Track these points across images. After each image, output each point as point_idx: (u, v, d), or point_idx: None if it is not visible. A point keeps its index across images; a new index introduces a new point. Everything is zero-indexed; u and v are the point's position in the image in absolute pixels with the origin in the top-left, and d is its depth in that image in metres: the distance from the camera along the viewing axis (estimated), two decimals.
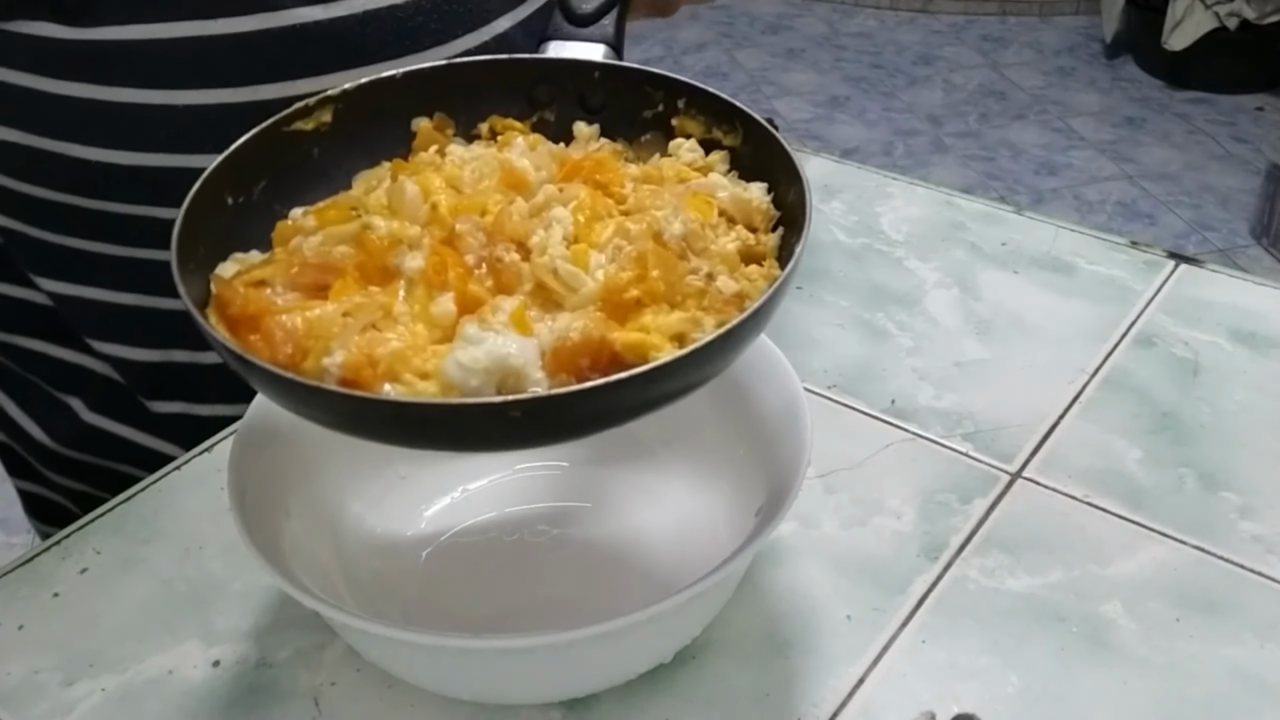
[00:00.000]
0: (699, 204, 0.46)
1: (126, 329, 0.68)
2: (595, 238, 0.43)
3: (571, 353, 0.39)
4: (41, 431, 0.72)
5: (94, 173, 0.61)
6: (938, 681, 0.50)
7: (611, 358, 0.39)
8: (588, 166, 0.47)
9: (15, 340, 0.71)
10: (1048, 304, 0.71)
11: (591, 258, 0.42)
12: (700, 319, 0.41)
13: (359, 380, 0.38)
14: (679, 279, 0.42)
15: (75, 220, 0.64)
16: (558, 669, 0.46)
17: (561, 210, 0.44)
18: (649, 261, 0.41)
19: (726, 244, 0.45)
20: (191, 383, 0.70)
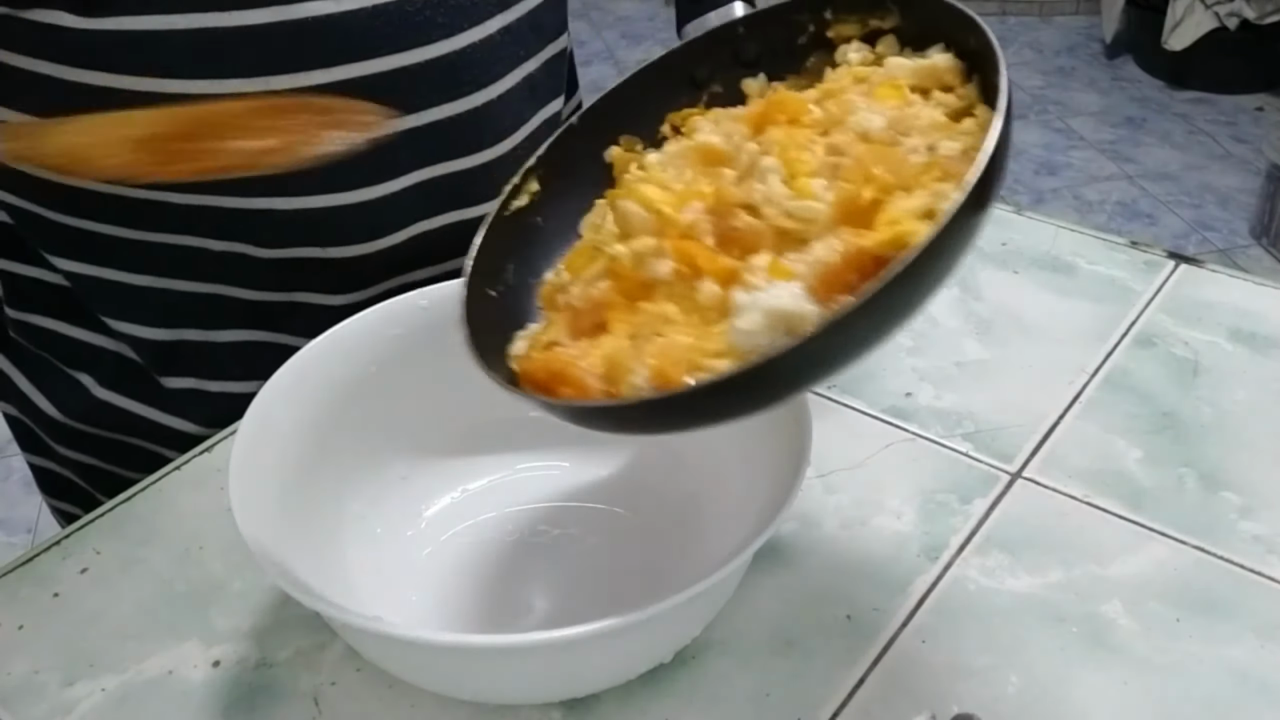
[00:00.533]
0: (888, 93, 0.46)
1: (141, 309, 0.69)
2: (808, 167, 0.43)
3: (836, 275, 0.39)
4: (52, 406, 0.73)
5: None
6: (938, 681, 0.50)
7: (875, 262, 0.39)
8: (770, 111, 0.47)
9: (28, 318, 0.72)
10: (1048, 304, 0.71)
11: (813, 184, 0.42)
12: (939, 189, 0.41)
13: (668, 385, 0.40)
14: (903, 164, 0.42)
15: (90, 204, 0.64)
16: (558, 669, 0.46)
17: (768, 159, 0.44)
18: (868, 161, 0.42)
19: (933, 114, 0.45)
20: (203, 360, 0.71)
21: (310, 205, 0.64)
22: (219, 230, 0.65)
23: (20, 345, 0.74)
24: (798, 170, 0.43)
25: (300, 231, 0.65)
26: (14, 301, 0.73)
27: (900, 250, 0.38)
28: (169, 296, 0.68)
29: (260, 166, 0.46)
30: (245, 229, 0.65)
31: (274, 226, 0.65)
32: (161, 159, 0.47)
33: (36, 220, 0.67)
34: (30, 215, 0.67)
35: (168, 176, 0.47)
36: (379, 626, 0.43)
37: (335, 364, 0.55)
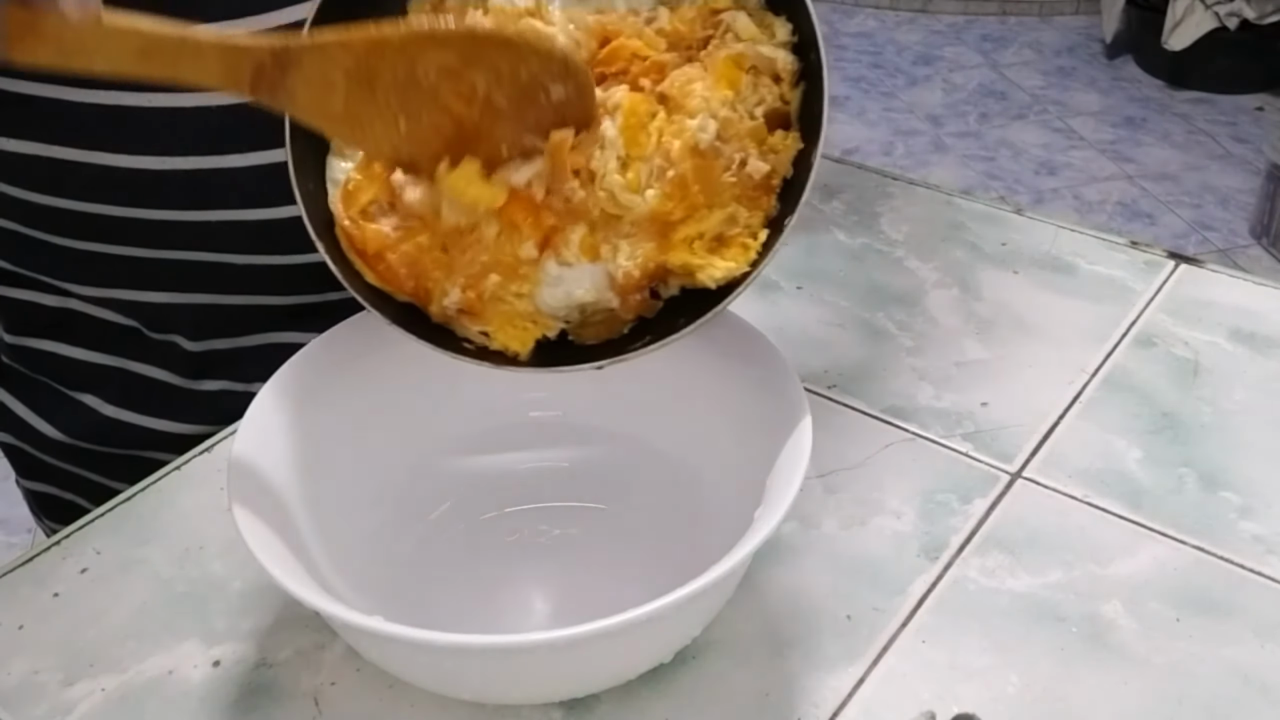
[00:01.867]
0: (727, 74, 0.49)
1: (171, 322, 0.69)
2: (642, 150, 0.48)
3: (635, 283, 0.48)
4: (54, 429, 0.73)
5: (122, 180, 0.61)
6: (938, 681, 0.50)
7: (667, 272, 0.48)
8: (623, 54, 0.50)
9: (26, 342, 0.72)
10: (1048, 304, 0.71)
11: (641, 174, 0.48)
12: (734, 213, 0.48)
13: (474, 311, 0.49)
14: (716, 184, 0.47)
15: (104, 228, 0.64)
16: (558, 669, 0.46)
17: (611, 129, 0.48)
18: (689, 179, 0.47)
19: (755, 112, 0.49)
20: (235, 363, 0.71)
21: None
22: (247, 243, 0.65)
23: (16, 371, 0.73)
24: (634, 155, 0.48)
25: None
26: (10, 327, 0.72)
27: (688, 276, 0.47)
28: (186, 310, 0.69)
29: None
30: (273, 241, 0.65)
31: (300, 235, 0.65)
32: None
33: (42, 248, 0.66)
34: (36, 243, 0.66)
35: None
36: (379, 626, 0.43)
37: (335, 364, 0.55)
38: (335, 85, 0.44)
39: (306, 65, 0.43)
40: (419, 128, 0.47)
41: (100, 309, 0.69)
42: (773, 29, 0.50)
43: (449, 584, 0.55)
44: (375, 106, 0.45)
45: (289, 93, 0.43)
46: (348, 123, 0.46)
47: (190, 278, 0.67)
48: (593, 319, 0.50)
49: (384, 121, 0.46)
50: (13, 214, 0.65)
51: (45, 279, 0.69)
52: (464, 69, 0.46)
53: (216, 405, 0.71)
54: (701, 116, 0.48)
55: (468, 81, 0.46)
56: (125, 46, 0.40)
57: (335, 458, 0.54)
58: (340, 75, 0.44)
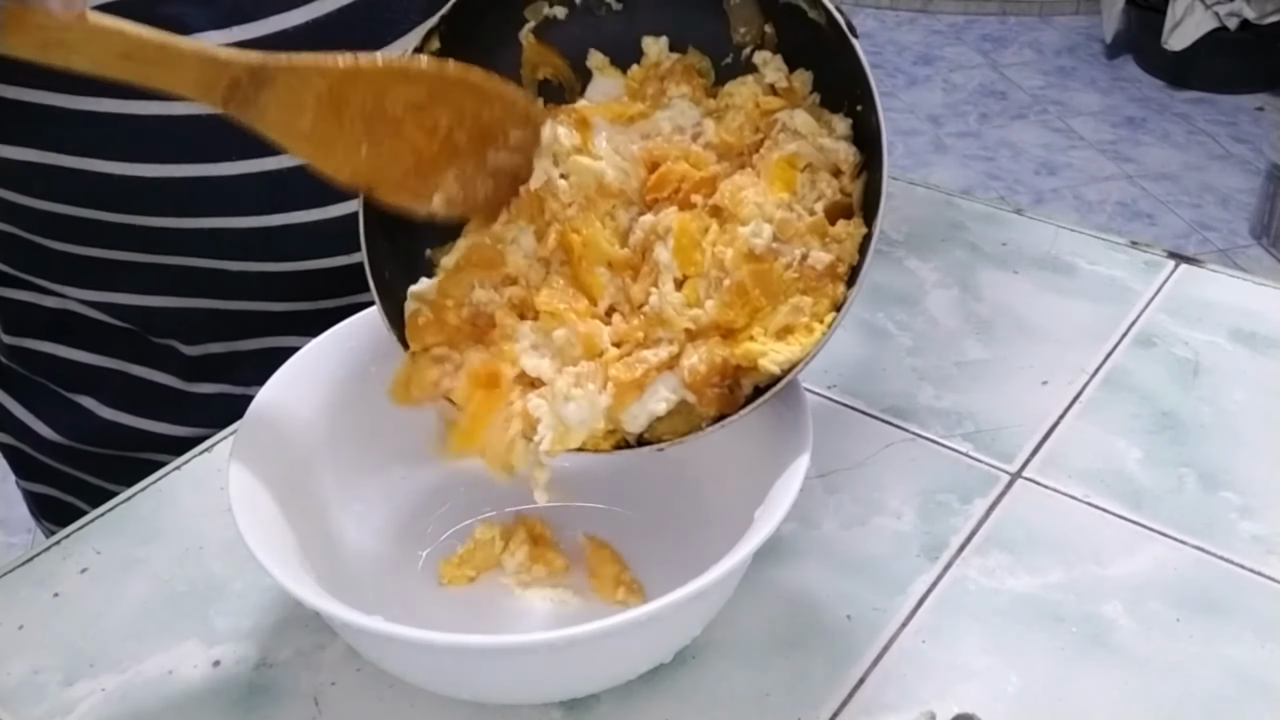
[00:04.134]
0: (782, 175, 0.49)
1: (168, 327, 0.69)
2: (698, 267, 0.49)
3: (705, 377, 0.47)
4: (52, 431, 0.73)
5: (116, 187, 0.61)
6: (938, 681, 0.50)
7: (735, 369, 0.48)
8: (672, 178, 0.51)
9: (24, 343, 0.72)
10: (1048, 304, 0.71)
11: (699, 288, 0.49)
12: (798, 303, 0.48)
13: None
14: (776, 283, 0.48)
15: (99, 233, 0.64)
16: (558, 669, 0.46)
17: (664, 253, 0.49)
18: (747, 285, 0.48)
19: (815, 207, 0.49)
20: (232, 367, 0.71)
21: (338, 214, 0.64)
22: (241, 250, 0.65)
23: (15, 372, 0.73)
24: (690, 274, 0.49)
25: (330, 243, 0.66)
26: (9, 328, 0.72)
27: (752, 365, 0.47)
28: (181, 313, 0.69)
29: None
30: (266, 248, 0.65)
31: (299, 240, 0.65)
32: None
33: (40, 252, 0.66)
34: (35, 247, 0.66)
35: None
36: (379, 626, 0.43)
37: (335, 364, 0.55)
38: (305, 106, 0.45)
39: (280, 85, 0.45)
40: (379, 154, 0.48)
41: (98, 312, 0.69)
42: (831, 124, 0.50)
43: (449, 584, 0.55)
44: (341, 130, 0.47)
45: (259, 109, 0.45)
46: (311, 143, 0.47)
47: (186, 283, 0.67)
48: (668, 416, 0.49)
49: (347, 145, 0.47)
50: (9, 218, 0.65)
51: (44, 282, 0.69)
52: (430, 105, 0.48)
53: (213, 408, 0.71)
54: (755, 223, 0.48)
55: (432, 116, 0.48)
56: (107, 47, 0.41)
57: (335, 458, 0.54)
58: (311, 97, 0.45)
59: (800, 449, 0.47)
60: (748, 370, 0.48)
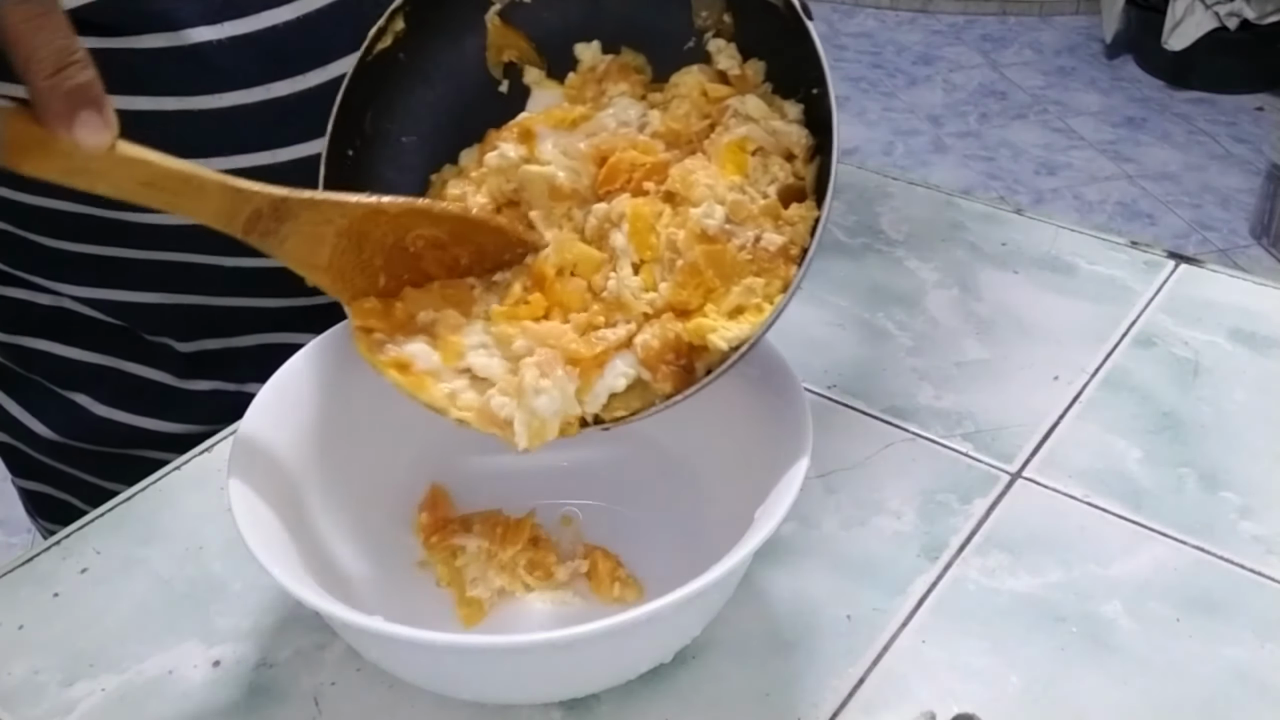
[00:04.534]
0: (733, 158, 0.50)
1: (161, 323, 0.69)
2: (655, 251, 0.49)
3: (657, 354, 0.48)
4: (47, 428, 0.73)
5: None
6: (938, 681, 0.50)
7: (689, 348, 0.48)
8: (623, 168, 0.51)
9: (18, 340, 0.72)
10: (1048, 304, 0.71)
11: (655, 273, 0.49)
12: (750, 284, 0.48)
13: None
14: (729, 265, 0.48)
15: (93, 229, 0.64)
16: (558, 669, 0.46)
17: (620, 238, 0.49)
18: (700, 265, 0.48)
19: (768, 190, 0.49)
20: (227, 364, 0.71)
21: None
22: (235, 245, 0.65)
23: (9, 370, 0.73)
24: (646, 258, 0.49)
25: None
26: (3, 325, 0.72)
27: (703, 340, 0.47)
28: (179, 310, 0.69)
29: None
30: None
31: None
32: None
33: (37, 250, 0.66)
34: (31, 245, 0.66)
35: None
36: (379, 626, 0.43)
37: (335, 364, 0.55)
38: (325, 240, 0.46)
39: (302, 219, 0.45)
40: (396, 283, 0.49)
41: (92, 309, 0.69)
42: (782, 109, 0.51)
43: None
44: (359, 262, 0.48)
45: (279, 239, 0.45)
46: (330, 273, 0.47)
47: (179, 279, 0.67)
48: (625, 393, 0.49)
49: (365, 276, 0.48)
50: (2, 215, 0.66)
51: (38, 279, 0.69)
52: (451, 244, 0.48)
53: (208, 405, 0.71)
54: (706, 204, 0.48)
55: (453, 254, 0.49)
56: (132, 175, 0.41)
57: (334, 458, 0.54)
58: (332, 232, 0.46)
59: (800, 449, 0.47)
60: (700, 351, 0.48)
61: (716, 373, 0.47)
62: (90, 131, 0.38)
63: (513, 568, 0.54)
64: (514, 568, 0.54)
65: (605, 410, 0.49)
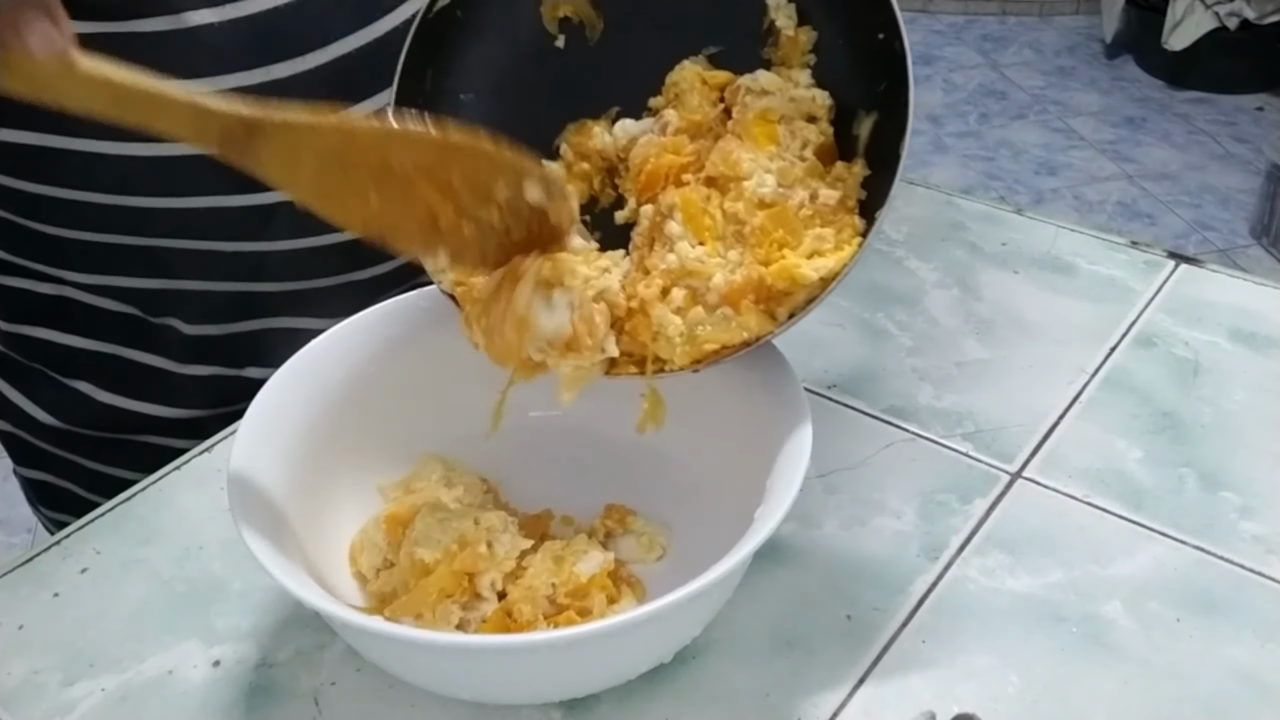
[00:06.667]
0: (763, 130, 0.51)
1: (167, 308, 0.70)
2: (713, 230, 0.50)
3: (739, 289, 0.49)
4: (49, 415, 0.73)
5: (111, 167, 0.62)
6: (938, 681, 0.50)
7: (769, 291, 0.49)
8: (660, 172, 0.52)
9: (20, 329, 0.72)
10: (1048, 304, 0.71)
11: (718, 248, 0.50)
12: (820, 234, 0.49)
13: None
14: (795, 220, 0.49)
15: (94, 216, 0.64)
16: (558, 669, 0.46)
17: (675, 226, 0.50)
18: (768, 228, 0.49)
19: (804, 154, 0.51)
20: (228, 349, 0.71)
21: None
22: (236, 230, 0.66)
23: (11, 359, 0.74)
24: (705, 237, 0.50)
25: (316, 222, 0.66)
26: (5, 314, 0.72)
27: (788, 281, 0.48)
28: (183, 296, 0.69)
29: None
30: (261, 227, 0.65)
31: (293, 219, 0.65)
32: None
33: (35, 237, 0.66)
34: (29, 232, 0.66)
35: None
36: (379, 626, 0.43)
37: (335, 364, 0.55)
38: (303, 160, 0.45)
39: (274, 140, 0.44)
40: (391, 206, 0.47)
41: (95, 296, 0.69)
42: (792, 78, 0.52)
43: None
44: (347, 183, 0.46)
45: (255, 158, 0.44)
46: (317, 194, 0.46)
47: (181, 264, 0.67)
48: (712, 323, 0.50)
49: (355, 197, 0.46)
50: (3, 203, 0.66)
51: (39, 267, 0.69)
52: (440, 167, 0.46)
53: (208, 389, 0.71)
54: (756, 174, 0.50)
55: (444, 176, 0.47)
56: (99, 93, 0.40)
57: (335, 458, 0.54)
58: (309, 153, 0.45)
59: (801, 449, 0.47)
60: (782, 297, 0.49)
61: (810, 307, 0.49)
62: (39, 38, 0.38)
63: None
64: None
65: (693, 345, 0.49)
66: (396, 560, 0.51)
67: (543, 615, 0.49)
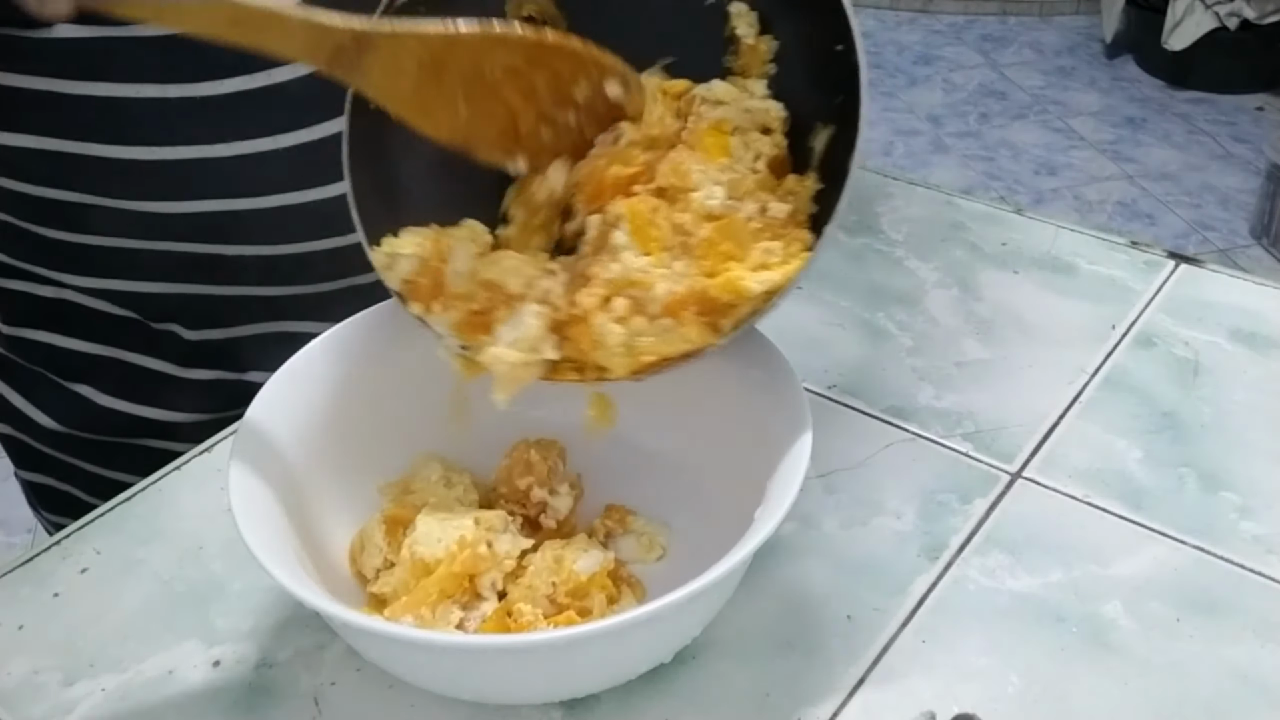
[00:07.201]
0: (715, 142, 0.50)
1: (168, 312, 0.70)
2: (660, 241, 0.49)
3: (681, 300, 0.48)
4: (50, 419, 0.73)
5: (113, 171, 0.62)
6: (938, 681, 0.50)
7: (713, 303, 0.48)
8: (607, 183, 0.51)
9: (21, 333, 0.72)
10: (1048, 304, 0.71)
11: (665, 259, 0.49)
12: (769, 248, 0.48)
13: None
14: (743, 233, 0.49)
15: (95, 219, 0.64)
16: (558, 669, 0.46)
17: (621, 236, 0.49)
18: (715, 239, 0.48)
19: (756, 166, 0.50)
20: (230, 352, 0.71)
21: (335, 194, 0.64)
22: (238, 234, 0.66)
23: (13, 362, 0.74)
24: (652, 248, 0.49)
25: (317, 226, 0.66)
26: (7, 318, 0.72)
27: (732, 294, 0.47)
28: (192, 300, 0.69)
29: None
30: (263, 231, 0.65)
31: (295, 222, 0.65)
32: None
33: (41, 242, 0.67)
34: (36, 238, 0.66)
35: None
36: (379, 626, 0.43)
37: (335, 364, 0.55)
38: (406, 71, 0.47)
39: (383, 51, 0.46)
40: (477, 115, 0.49)
41: (95, 300, 0.69)
42: (748, 88, 0.51)
43: None
44: (440, 93, 0.48)
45: (363, 72, 0.46)
46: (413, 104, 0.48)
47: (183, 268, 0.67)
48: (655, 334, 0.50)
49: (447, 107, 0.49)
50: (5, 206, 0.66)
51: (40, 270, 0.69)
52: (528, 70, 0.49)
53: (210, 393, 0.71)
54: (705, 187, 0.49)
55: (529, 80, 0.49)
56: (216, 15, 0.42)
57: (335, 458, 0.54)
58: (413, 63, 0.47)
59: (801, 449, 0.47)
60: (727, 309, 0.48)
61: (748, 322, 0.48)
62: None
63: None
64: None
65: (632, 356, 0.49)
66: (396, 560, 0.51)
67: (543, 615, 0.49)
